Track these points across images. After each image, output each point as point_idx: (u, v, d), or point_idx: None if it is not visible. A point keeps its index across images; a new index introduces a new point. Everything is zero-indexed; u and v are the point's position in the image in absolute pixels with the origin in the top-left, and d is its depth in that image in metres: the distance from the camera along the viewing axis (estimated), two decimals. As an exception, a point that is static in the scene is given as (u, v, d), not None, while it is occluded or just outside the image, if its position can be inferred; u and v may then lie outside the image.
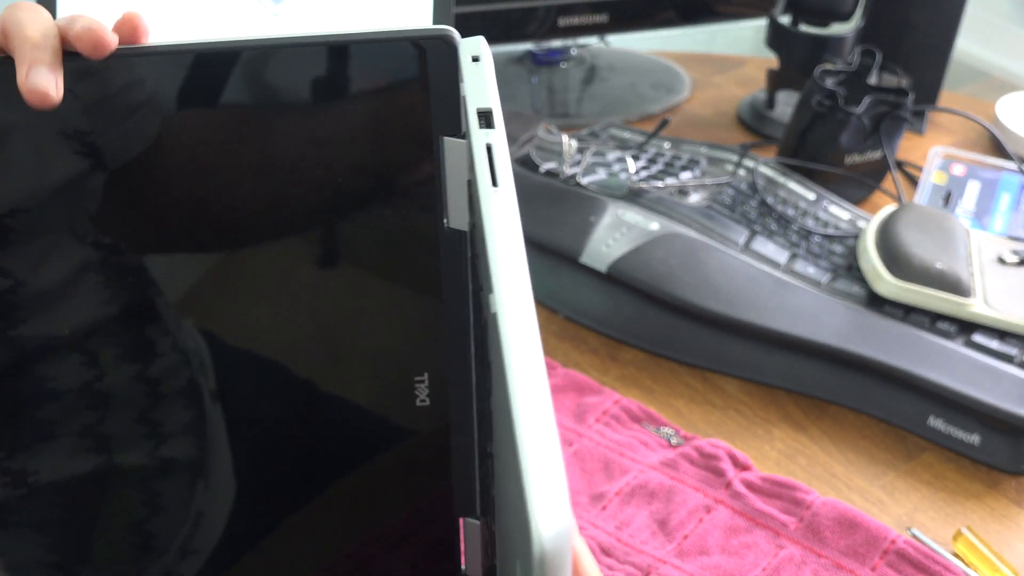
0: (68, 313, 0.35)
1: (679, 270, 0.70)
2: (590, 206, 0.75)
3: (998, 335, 0.66)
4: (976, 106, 1.03)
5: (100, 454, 0.36)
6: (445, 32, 0.34)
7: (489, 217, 0.30)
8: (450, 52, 0.34)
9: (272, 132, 0.36)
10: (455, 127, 0.35)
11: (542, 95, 1.09)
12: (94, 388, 0.36)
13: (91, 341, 0.36)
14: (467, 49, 0.34)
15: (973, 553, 0.57)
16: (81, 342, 0.35)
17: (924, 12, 0.96)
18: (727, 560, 0.56)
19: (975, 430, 0.63)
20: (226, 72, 0.34)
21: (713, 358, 0.70)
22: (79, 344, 0.35)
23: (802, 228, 0.76)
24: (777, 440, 0.66)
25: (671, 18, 1.10)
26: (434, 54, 0.34)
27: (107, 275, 0.35)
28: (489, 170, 0.31)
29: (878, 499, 0.62)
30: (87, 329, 0.35)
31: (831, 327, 0.67)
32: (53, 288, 0.35)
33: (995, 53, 1.61)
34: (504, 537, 0.31)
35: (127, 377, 0.36)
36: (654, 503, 0.60)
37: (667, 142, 0.85)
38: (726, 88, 1.11)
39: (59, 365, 0.35)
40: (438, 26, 0.35)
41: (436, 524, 0.36)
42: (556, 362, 0.70)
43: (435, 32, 0.35)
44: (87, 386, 0.36)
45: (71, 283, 0.35)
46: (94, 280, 0.35)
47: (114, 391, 0.36)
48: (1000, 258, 0.71)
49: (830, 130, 0.84)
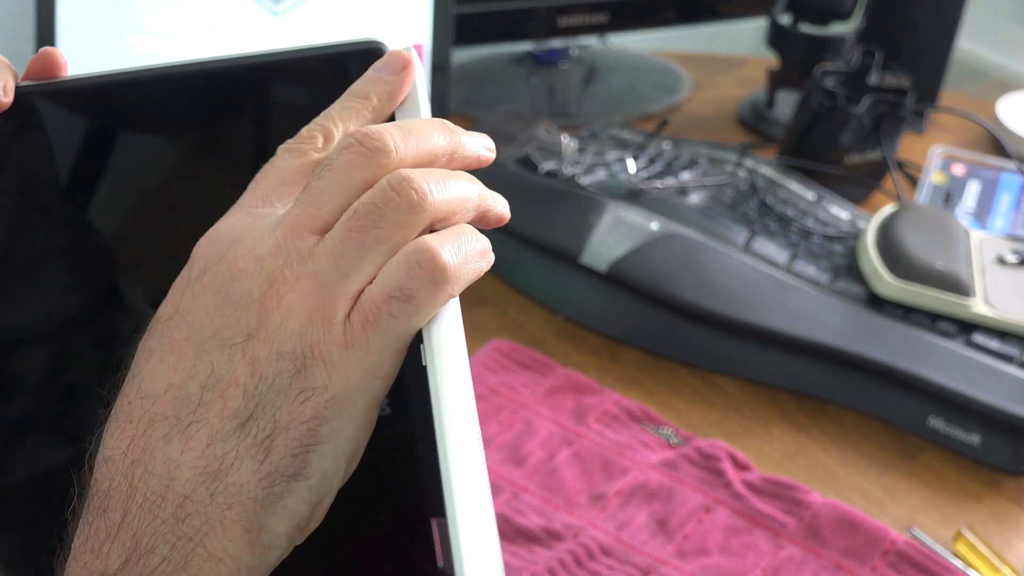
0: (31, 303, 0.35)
1: (679, 270, 0.70)
2: (590, 206, 0.75)
3: (998, 335, 0.66)
4: (976, 106, 1.03)
5: (72, 446, 0.36)
6: (373, 45, 0.35)
7: None
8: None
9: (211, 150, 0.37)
10: None
11: (542, 95, 1.09)
12: (61, 380, 0.36)
13: (56, 332, 0.36)
14: None
15: (973, 553, 0.57)
16: (46, 333, 0.36)
17: (924, 12, 0.96)
18: (727, 560, 0.56)
19: (975, 430, 0.63)
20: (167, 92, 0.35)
21: (713, 358, 0.70)
22: (44, 335, 0.36)
23: (802, 228, 0.76)
24: (777, 440, 0.66)
25: (671, 18, 1.10)
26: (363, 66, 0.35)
27: (71, 263, 0.36)
28: None
29: (878, 499, 0.62)
30: (52, 319, 0.36)
31: (831, 327, 0.67)
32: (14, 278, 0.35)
33: (995, 53, 1.61)
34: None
35: (94, 366, 0.36)
36: (654, 503, 0.60)
37: (667, 142, 0.85)
38: (726, 88, 1.11)
39: (24, 358, 0.36)
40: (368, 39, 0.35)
41: (409, 525, 0.37)
42: (556, 362, 0.70)
43: (363, 45, 0.35)
44: (53, 378, 0.36)
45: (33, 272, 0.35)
46: (57, 268, 0.36)
47: (81, 381, 0.36)
48: (1000, 258, 0.71)
49: (830, 130, 0.84)
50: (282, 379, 0.29)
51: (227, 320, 0.29)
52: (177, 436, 0.28)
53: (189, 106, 0.36)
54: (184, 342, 0.30)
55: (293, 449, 0.28)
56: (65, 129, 0.35)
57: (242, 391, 0.29)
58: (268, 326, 0.29)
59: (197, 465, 0.28)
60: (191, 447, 0.28)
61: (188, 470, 0.28)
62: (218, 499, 0.28)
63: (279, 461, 0.28)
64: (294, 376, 0.29)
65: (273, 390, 0.29)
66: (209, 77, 0.35)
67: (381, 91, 0.34)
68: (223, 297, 0.30)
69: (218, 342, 0.29)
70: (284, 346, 0.29)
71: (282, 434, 0.28)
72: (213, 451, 0.28)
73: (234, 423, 0.28)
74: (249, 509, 0.28)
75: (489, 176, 0.77)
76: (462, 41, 0.95)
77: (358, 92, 0.34)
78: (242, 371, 0.29)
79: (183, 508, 0.28)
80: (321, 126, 0.33)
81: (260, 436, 0.28)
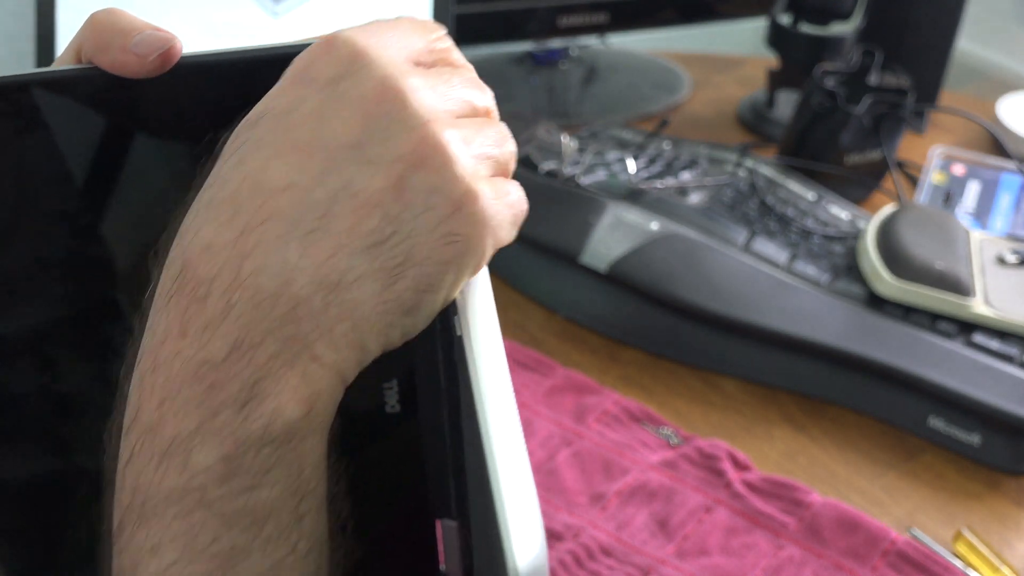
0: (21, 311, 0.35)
1: (679, 270, 0.70)
2: (590, 206, 0.75)
3: (998, 335, 0.66)
4: (976, 106, 1.03)
5: (62, 456, 0.36)
6: None
7: None
8: None
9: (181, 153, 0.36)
10: None
11: (542, 95, 1.09)
12: (51, 389, 0.35)
13: (46, 341, 0.35)
14: None
15: (973, 553, 0.57)
16: (35, 342, 0.35)
17: (924, 12, 0.96)
18: (727, 560, 0.56)
19: (975, 430, 0.63)
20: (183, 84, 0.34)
21: (713, 358, 0.70)
22: (33, 344, 0.35)
23: (802, 228, 0.76)
24: (777, 440, 0.66)
25: (671, 18, 1.10)
26: None
27: (64, 271, 0.35)
28: None
29: (878, 499, 0.62)
30: (42, 328, 0.35)
31: (831, 327, 0.67)
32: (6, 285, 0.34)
33: (995, 53, 1.60)
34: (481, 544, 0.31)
35: (86, 377, 0.36)
36: (654, 503, 0.60)
37: (667, 142, 0.85)
38: (726, 88, 1.11)
39: (12, 367, 0.35)
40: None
41: (413, 526, 0.36)
42: (556, 362, 0.70)
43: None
44: (44, 388, 0.35)
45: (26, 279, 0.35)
46: (50, 276, 0.35)
47: (72, 392, 0.36)
48: (1000, 258, 0.71)
49: (830, 130, 0.84)
50: (432, 215, 0.28)
51: (376, 135, 0.28)
52: (296, 240, 0.27)
53: (191, 105, 0.35)
54: (311, 146, 0.28)
55: (420, 285, 0.28)
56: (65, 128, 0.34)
57: (382, 213, 0.28)
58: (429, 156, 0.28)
59: (317, 274, 0.27)
60: (311, 253, 0.27)
61: (306, 276, 0.27)
62: (332, 310, 0.27)
63: (403, 293, 0.28)
64: (447, 217, 0.28)
65: (419, 223, 0.28)
66: (209, 71, 0.34)
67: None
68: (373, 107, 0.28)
69: (358, 156, 0.28)
70: (443, 183, 0.28)
71: (414, 268, 0.28)
72: (335, 263, 0.27)
73: (365, 242, 0.28)
74: (360, 328, 0.28)
75: (489, 176, 0.77)
76: (462, 41, 0.94)
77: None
78: (386, 192, 0.28)
79: (295, 311, 0.27)
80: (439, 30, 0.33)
81: (390, 263, 0.28)
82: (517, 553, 0.24)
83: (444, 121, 0.29)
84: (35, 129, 0.33)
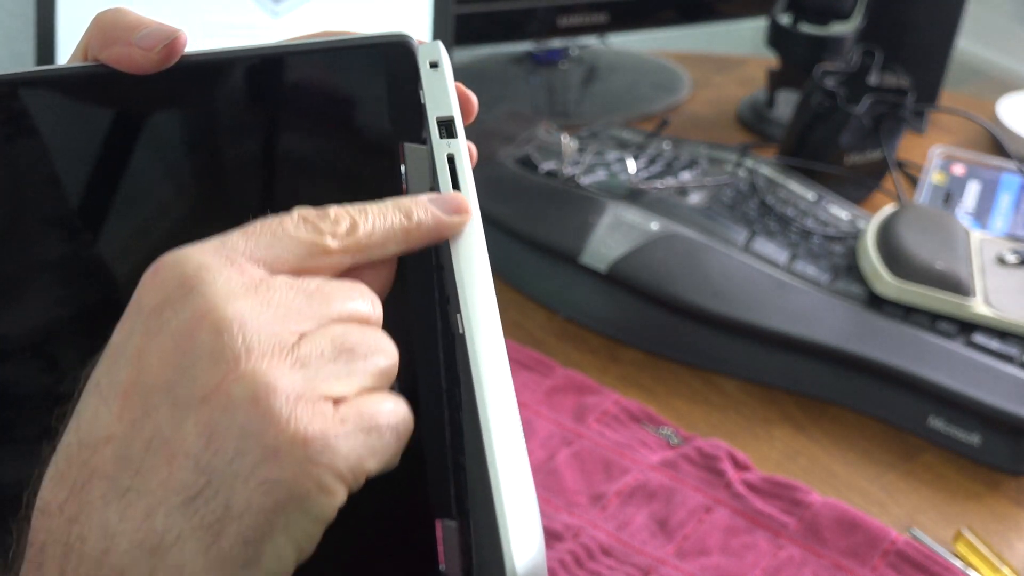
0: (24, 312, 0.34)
1: (679, 270, 0.70)
2: (590, 206, 0.75)
3: (998, 335, 0.66)
4: (976, 106, 1.03)
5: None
6: (401, 37, 0.34)
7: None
8: (407, 57, 0.34)
9: (231, 144, 0.35)
10: (415, 133, 0.34)
11: (542, 95, 1.09)
12: (55, 391, 0.35)
13: (49, 342, 0.35)
14: (425, 54, 0.34)
15: (973, 553, 0.57)
16: (39, 343, 0.35)
17: (924, 12, 0.96)
18: (727, 560, 0.56)
19: (975, 430, 0.63)
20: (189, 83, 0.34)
21: (713, 358, 0.70)
22: (37, 346, 0.35)
23: (802, 228, 0.76)
24: (777, 440, 0.66)
25: (671, 18, 1.10)
26: (391, 60, 0.34)
27: (66, 272, 0.35)
28: (451, 182, 0.31)
29: (878, 499, 0.62)
30: (45, 329, 0.35)
31: (831, 327, 0.67)
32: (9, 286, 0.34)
33: (995, 53, 1.60)
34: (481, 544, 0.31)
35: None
36: (654, 503, 0.60)
37: (667, 142, 0.85)
38: (726, 88, 1.11)
39: (16, 368, 0.35)
40: (396, 31, 0.34)
41: (412, 526, 0.36)
42: (556, 362, 0.70)
43: (391, 38, 0.34)
44: (47, 390, 0.35)
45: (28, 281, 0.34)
46: (52, 278, 0.34)
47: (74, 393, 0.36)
48: (1000, 258, 0.71)
49: (830, 130, 0.84)
50: (245, 462, 0.25)
51: (186, 373, 0.26)
52: (115, 500, 0.25)
53: (195, 103, 0.35)
54: (131, 387, 0.26)
55: (248, 538, 0.25)
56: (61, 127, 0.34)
57: (192, 463, 0.25)
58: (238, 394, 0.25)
59: (135, 537, 0.25)
60: (129, 516, 0.25)
61: (126, 541, 0.25)
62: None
63: (231, 549, 0.25)
64: (260, 462, 0.25)
65: (231, 471, 0.25)
66: (217, 69, 0.34)
67: (425, 220, 0.30)
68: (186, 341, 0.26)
69: (170, 398, 0.26)
70: (253, 423, 0.25)
71: (235, 522, 0.25)
72: (152, 524, 0.25)
73: (179, 498, 0.25)
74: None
75: (489, 176, 0.77)
76: (462, 41, 0.95)
77: (404, 208, 0.30)
78: (197, 439, 0.25)
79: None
80: (350, 216, 0.30)
81: (209, 519, 0.25)
82: (516, 553, 0.24)
83: (270, 350, 0.26)
84: (38, 128, 0.33)
